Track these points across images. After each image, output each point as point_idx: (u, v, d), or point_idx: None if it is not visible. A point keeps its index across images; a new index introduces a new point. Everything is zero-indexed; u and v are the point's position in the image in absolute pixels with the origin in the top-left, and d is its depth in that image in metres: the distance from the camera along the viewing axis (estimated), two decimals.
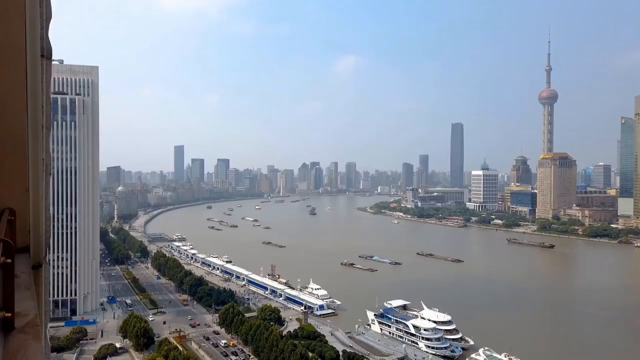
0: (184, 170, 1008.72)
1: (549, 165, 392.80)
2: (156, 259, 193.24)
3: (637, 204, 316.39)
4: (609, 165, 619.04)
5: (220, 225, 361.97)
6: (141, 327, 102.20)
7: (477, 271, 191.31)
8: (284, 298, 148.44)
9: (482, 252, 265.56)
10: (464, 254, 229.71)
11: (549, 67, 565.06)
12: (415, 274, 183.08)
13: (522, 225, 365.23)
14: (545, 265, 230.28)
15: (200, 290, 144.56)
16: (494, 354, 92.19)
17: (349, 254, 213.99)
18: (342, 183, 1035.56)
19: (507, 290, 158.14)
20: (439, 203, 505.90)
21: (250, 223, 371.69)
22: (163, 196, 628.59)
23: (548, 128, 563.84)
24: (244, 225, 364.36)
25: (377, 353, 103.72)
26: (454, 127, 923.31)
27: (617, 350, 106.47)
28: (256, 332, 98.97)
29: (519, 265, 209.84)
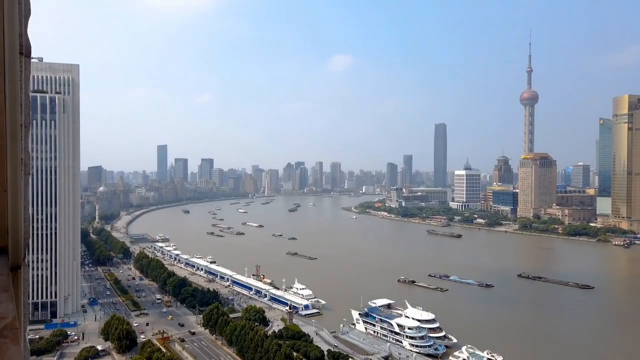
0: (167, 170, 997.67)
1: (529, 165, 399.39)
2: (139, 259, 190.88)
3: (615, 204, 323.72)
4: (588, 165, 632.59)
5: (222, 231, 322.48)
6: (123, 329, 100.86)
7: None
8: (269, 298, 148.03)
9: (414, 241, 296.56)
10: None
11: (530, 69, 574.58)
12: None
13: (504, 224, 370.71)
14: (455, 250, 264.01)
15: (184, 291, 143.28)
16: (476, 351, 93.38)
17: (402, 268, 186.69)
18: (327, 183, 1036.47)
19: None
20: (422, 203, 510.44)
21: (255, 229, 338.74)
22: (146, 196, 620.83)
23: (529, 128, 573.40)
24: (249, 231, 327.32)
25: (361, 352, 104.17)
26: (438, 127, 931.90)
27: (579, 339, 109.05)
28: (241, 333, 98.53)
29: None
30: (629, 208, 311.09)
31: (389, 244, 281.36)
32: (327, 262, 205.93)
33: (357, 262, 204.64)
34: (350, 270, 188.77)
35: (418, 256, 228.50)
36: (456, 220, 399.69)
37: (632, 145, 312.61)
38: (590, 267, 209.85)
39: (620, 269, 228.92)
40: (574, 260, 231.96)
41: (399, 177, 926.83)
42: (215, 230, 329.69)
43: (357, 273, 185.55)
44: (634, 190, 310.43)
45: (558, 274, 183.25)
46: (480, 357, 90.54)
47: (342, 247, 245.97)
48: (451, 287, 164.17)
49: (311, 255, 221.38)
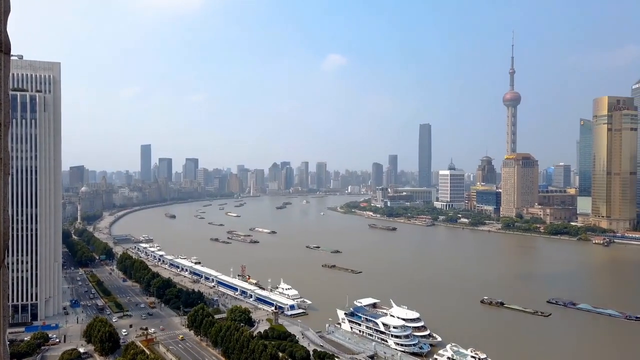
0: (151, 170, 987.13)
1: (512, 165, 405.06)
2: (122, 260, 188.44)
3: (595, 203, 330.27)
4: (568, 165, 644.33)
5: (231, 238, 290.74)
6: (106, 331, 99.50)
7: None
8: (255, 299, 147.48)
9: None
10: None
11: (512, 70, 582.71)
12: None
13: (488, 223, 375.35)
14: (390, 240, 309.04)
15: (168, 292, 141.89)
16: (460, 349, 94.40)
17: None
18: (312, 183, 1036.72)
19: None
20: (407, 202, 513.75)
21: (268, 236, 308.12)
22: (129, 196, 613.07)
23: (512, 129, 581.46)
24: (262, 239, 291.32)
25: (347, 352, 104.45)
26: (422, 127, 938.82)
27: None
28: (226, 334, 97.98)
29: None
30: (609, 207, 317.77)
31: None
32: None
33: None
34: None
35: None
36: (440, 220, 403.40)
37: (612, 146, 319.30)
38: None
39: (597, 265, 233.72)
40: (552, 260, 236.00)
41: (384, 177, 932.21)
42: (220, 235, 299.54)
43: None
44: (613, 190, 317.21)
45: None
46: (464, 355, 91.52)
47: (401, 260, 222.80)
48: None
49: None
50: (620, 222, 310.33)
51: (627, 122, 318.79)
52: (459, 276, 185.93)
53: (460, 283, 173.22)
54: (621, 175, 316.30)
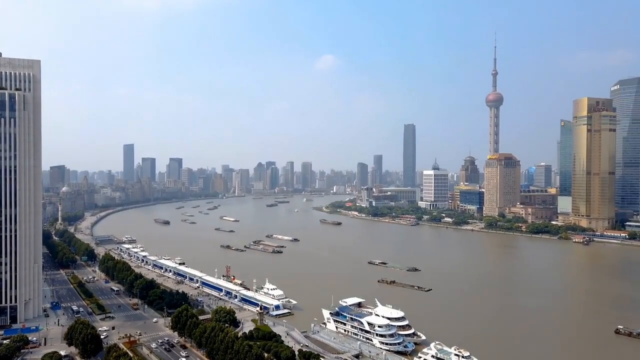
0: (134, 170, 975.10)
1: (495, 166, 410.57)
2: (104, 262, 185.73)
3: (575, 202, 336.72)
4: (549, 165, 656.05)
5: (250, 247, 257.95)
6: (88, 333, 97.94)
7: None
8: (239, 299, 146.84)
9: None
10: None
11: (495, 71, 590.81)
12: None
13: (471, 222, 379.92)
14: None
15: (152, 293, 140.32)
16: (444, 347, 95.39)
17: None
18: (298, 183, 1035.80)
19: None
20: (392, 202, 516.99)
21: (290, 243, 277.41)
22: (111, 196, 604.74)
23: (494, 129, 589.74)
24: (286, 245, 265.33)
25: (332, 351, 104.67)
26: (407, 128, 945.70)
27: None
28: (210, 335, 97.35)
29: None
30: (588, 207, 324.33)
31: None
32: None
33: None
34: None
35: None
36: (425, 219, 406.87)
37: (591, 146, 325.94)
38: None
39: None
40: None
41: (369, 177, 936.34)
42: (232, 241, 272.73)
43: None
44: (593, 190, 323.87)
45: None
46: (447, 353, 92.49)
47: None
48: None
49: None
50: (599, 221, 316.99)
51: (606, 123, 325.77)
52: (443, 274, 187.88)
53: (445, 281, 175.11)
54: (600, 175, 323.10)
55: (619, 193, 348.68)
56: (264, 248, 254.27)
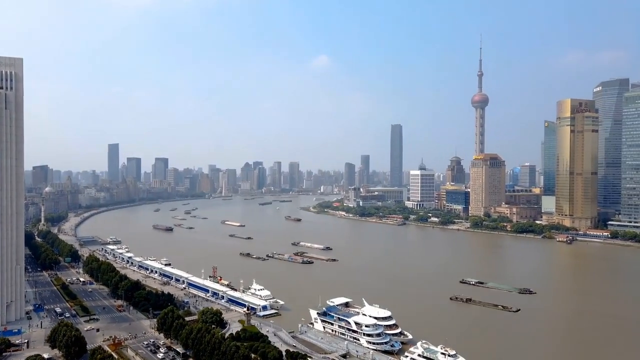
0: (119, 170, 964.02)
1: (480, 166, 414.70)
2: (88, 263, 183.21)
3: (559, 202, 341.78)
4: (534, 166, 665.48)
5: (276, 255, 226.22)
6: (72, 335, 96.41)
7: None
8: (226, 300, 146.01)
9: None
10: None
11: (480, 73, 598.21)
12: None
13: (457, 222, 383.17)
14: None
15: (137, 294, 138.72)
16: (430, 346, 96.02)
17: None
18: (285, 183, 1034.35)
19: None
20: (379, 202, 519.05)
21: (323, 253, 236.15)
22: (96, 197, 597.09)
23: (480, 130, 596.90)
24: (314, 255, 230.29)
25: (319, 351, 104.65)
26: (394, 128, 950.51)
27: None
28: (197, 336, 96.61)
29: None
30: (571, 206, 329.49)
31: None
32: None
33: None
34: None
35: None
36: (411, 219, 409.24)
37: (574, 147, 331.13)
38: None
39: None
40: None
41: (357, 177, 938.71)
42: (251, 248, 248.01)
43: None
44: (576, 190, 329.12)
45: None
46: (434, 352, 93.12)
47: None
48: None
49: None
50: (582, 220, 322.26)
51: (588, 124, 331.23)
52: (429, 274, 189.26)
53: (430, 280, 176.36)
54: (583, 175, 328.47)
55: (601, 193, 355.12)
56: (292, 258, 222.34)
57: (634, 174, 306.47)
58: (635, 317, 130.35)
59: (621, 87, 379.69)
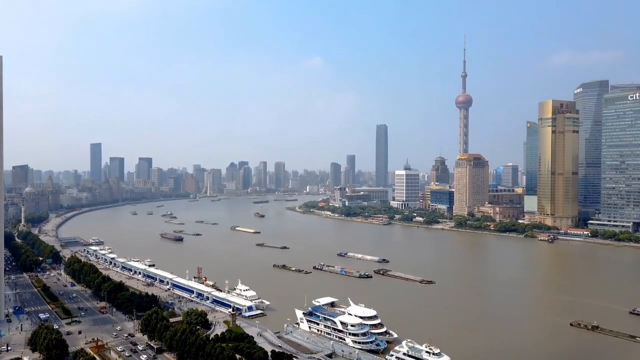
0: (102, 170, 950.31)
1: (464, 166, 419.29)
2: (70, 264, 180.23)
3: (540, 202, 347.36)
4: (516, 166, 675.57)
5: (321, 268, 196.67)
6: (53, 338, 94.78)
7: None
8: (211, 301, 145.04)
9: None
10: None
11: (464, 74, 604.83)
12: None
13: (441, 222, 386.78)
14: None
15: (120, 296, 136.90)
16: (415, 345, 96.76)
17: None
18: (271, 183, 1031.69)
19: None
20: (365, 202, 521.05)
21: (378, 264, 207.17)
22: (78, 197, 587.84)
23: (464, 130, 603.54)
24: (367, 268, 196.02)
25: (305, 351, 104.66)
26: (379, 128, 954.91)
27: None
28: (181, 337, 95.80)
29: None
30: (553, 206, 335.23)
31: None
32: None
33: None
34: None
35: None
36: (397, 218, 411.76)
37: (556, 147, 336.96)
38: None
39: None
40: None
41: (342, 177, 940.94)
42: (287, 259, 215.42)
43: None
44: (557, 189, 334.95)
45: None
46: (419, 351, 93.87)
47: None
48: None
49: None
50: (563, 219, 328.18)
51: (569, 125, 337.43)
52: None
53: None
54: (564, 175, 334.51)
55: (582, 192, 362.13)
56: (347, 271, 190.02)
57: (613, 174, 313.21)
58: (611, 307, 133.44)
59: (601, 88, 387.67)
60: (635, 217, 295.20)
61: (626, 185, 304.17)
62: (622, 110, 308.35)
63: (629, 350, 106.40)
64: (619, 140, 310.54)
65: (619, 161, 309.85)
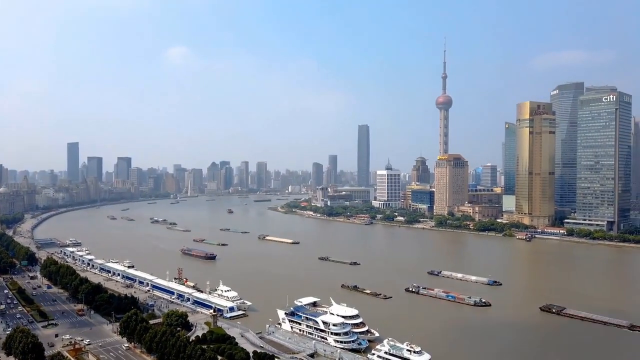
0: (79, 170, 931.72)
1: (444, 166, 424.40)
2: (46, 266, 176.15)
3: (518, 201, 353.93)
4: (495, 166, 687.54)
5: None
6: (28, 342, 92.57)
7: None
8: (192, 302, 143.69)
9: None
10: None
11: (444, 75, 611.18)
12: None
13: (422, 221, 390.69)
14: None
15: (99, 298, 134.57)
16: (397, 343, 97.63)
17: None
18: (252, 182, 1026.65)
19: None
20: (347, 202, 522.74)
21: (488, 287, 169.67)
22: (54, 197, 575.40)
23: (444, 131, 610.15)
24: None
25: (287, 351, 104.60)
26: (361, 128, 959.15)
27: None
28: (161, 339, 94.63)
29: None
30: (530, 205, 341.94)
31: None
32: None
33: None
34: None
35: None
36: (378, 218, 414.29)
37: (533, 148, 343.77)
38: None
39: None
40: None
41: (325, 177, 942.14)
42: (358, 280, 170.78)
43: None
44: (534, 189, 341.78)
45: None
46: (400, 349, 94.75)
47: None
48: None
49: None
50: (540, 218, 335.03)
51: (546, 126, 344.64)
52: (396, 270, 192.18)
53: (399, 276, 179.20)
54: (541, 175, 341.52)
55: (558, 192, 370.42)
56: (455, 296, 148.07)
57: (588, 174, 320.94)
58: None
59: (576, 90, 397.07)
60: (609, 216, 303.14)
61: (600, 185, 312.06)
62: (597, 111, 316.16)
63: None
64: (593, 141, 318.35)
65: (594, 161, 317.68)
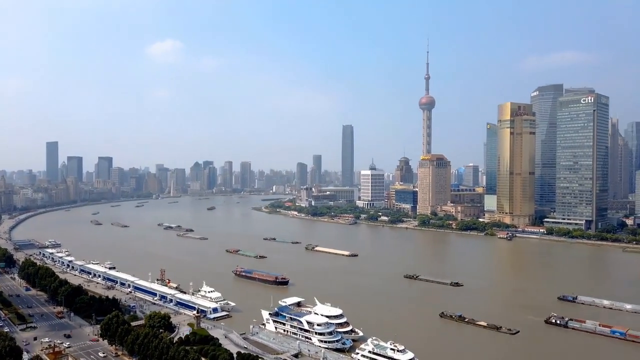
0: (59, 169, 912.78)
1: (427, 166, 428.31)
2: (24, 268, 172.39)
3: (500, 201, 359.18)
4: (477, 166, 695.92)
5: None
6: (6, 345, 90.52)
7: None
8: (175, 303, 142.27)
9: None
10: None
11: (427, 76, 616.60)
12: None
13: (406, 221, 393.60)
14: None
15: (79, 300, 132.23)
16: (381, 342, 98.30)
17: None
18: (236, 182, 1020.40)
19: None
20: (331, 202, 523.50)
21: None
22: (33, 198, 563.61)
23: (427, 131, 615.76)
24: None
25: (271, 352, 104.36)
26: (345, 129, 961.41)
27: None
28: (144, 341, 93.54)
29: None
30: (511, 204, 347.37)
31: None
32: None
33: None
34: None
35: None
36: (362, 218, 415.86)
37: (514, 148, 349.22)
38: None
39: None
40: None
41: (309, 177, 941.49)
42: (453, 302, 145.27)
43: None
44: (515, 189, 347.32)
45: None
46: (384, 348, 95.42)
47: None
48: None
49: None
50: (521, 217, 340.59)
51: (526, 127, 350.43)
52: (379, 271, 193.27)
53: (382, 278, 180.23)
54: (522, 175, 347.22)
55: (538, 192, 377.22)
56: (624, 333, 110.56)
57: (567, 174, 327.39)
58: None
59: (556, 92, 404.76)
60: (587, 215, 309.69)
61: (579, 184, 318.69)
62: (576, 112, 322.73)
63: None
64: (572, 142, 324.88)
65: (573, 162, 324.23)
